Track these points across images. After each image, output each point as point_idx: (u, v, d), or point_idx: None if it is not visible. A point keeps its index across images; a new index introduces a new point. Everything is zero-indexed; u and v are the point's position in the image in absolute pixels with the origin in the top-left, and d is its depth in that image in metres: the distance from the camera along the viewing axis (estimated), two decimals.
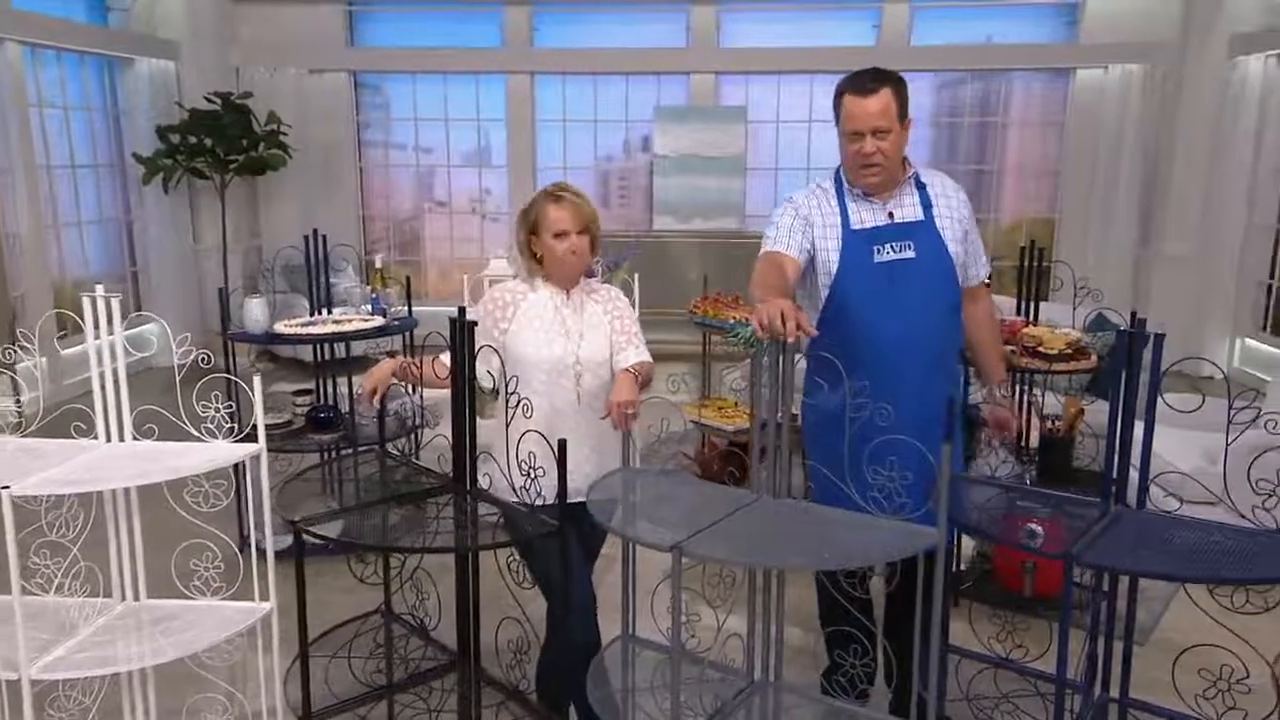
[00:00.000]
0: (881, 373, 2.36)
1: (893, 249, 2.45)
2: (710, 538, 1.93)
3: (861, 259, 2.45)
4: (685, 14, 7.65)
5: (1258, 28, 6.41)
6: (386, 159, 8.21)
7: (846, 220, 2.47)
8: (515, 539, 2.09)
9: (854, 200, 2.49)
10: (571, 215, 2.42)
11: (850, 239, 2.45)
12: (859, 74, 2.43)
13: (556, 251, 2.42)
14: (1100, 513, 2.04)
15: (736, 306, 4.15)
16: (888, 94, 2.37)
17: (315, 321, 3.88)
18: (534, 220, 2.46)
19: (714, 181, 7.67)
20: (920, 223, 2.49)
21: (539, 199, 2.48)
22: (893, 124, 2.38)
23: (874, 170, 2.42)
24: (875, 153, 2.38)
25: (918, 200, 2.52)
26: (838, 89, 2.46)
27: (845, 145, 2.43)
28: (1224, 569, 1.77)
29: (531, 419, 2.42)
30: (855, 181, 2.48)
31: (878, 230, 2.46)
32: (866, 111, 2.36)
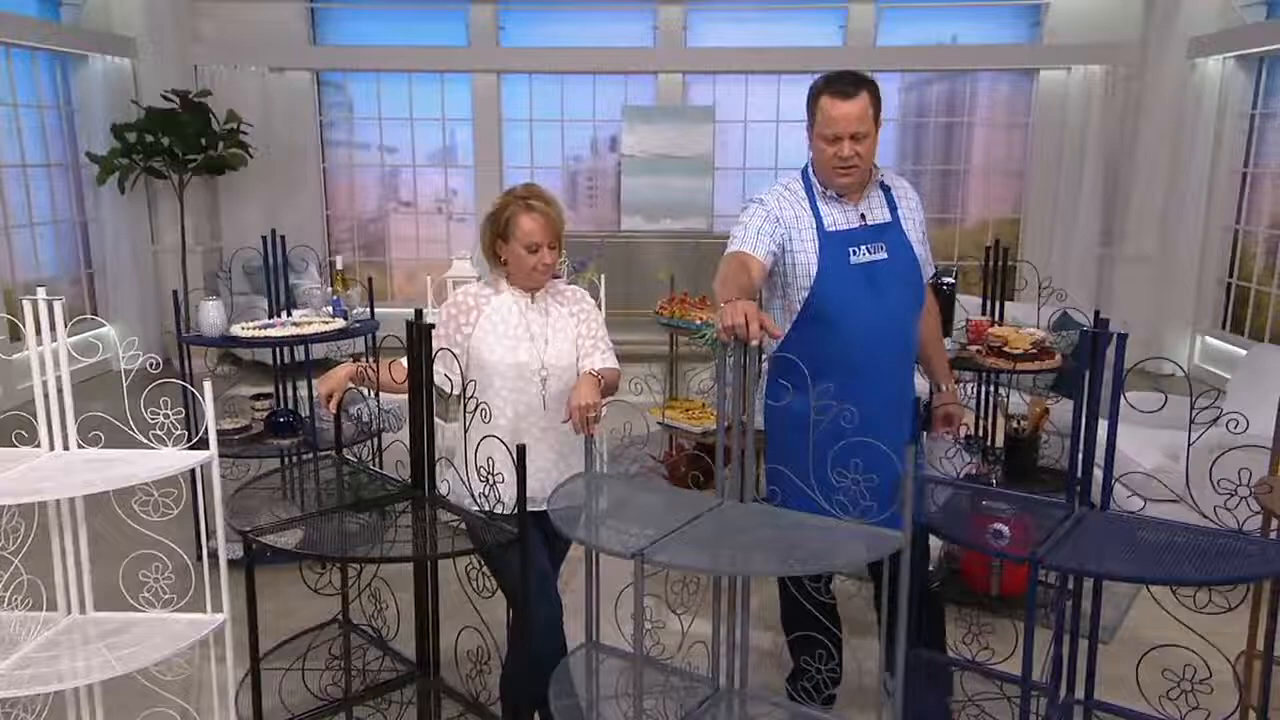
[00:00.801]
0: (860, 373, 2.38)
1: (868, 250, 2.46)
2: (673, 544, 1.89)
3: (839, 261, 2.44)
4: (653, 13, 7.63)
5: (1215, 30, 6.50)
6: (351, 159, 8.10)
7: (820, 222, 2.45)
8: (473, 547, 2.04)
9: (825, 202, 2.48)
10: (544, 227, 2.37)
11: (826, 241, 2.44)
12: (837, 76, 2.41)
13: (526, 264, 2.37)
14: (1065, 514, 2.03)
15: (703, 307, 4.13)
16: (866, 98, 2.37)
17: (273, 324, 3.80)
18: (504, 226, 2.40)
19: (682, 181, 7.65)
20: (890, 224, 2.51)
21: (511, 205, 2.40)
22: (870, 128, 2.39)
23: (851, 173, 2.41)
24: (853, 156, 2.37)
25: (884, 201, 2.53)
26: (814, 90, 2.43)
27: (821, 147, 2.41)
28: (1186, 570, 1.76)
29: (495, 424, 2.38)
30: (830, 183, 2.46)
31: (852, 232, 2.46)
32: (847, 115, 2.34)
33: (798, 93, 7.91)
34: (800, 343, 2.44)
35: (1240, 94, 6.50)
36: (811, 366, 2.34)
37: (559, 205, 2.46)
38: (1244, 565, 1.80)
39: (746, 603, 2.12)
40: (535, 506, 2.29)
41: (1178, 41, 6.67)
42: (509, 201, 2.42)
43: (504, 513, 2.38)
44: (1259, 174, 6.52)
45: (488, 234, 2.43)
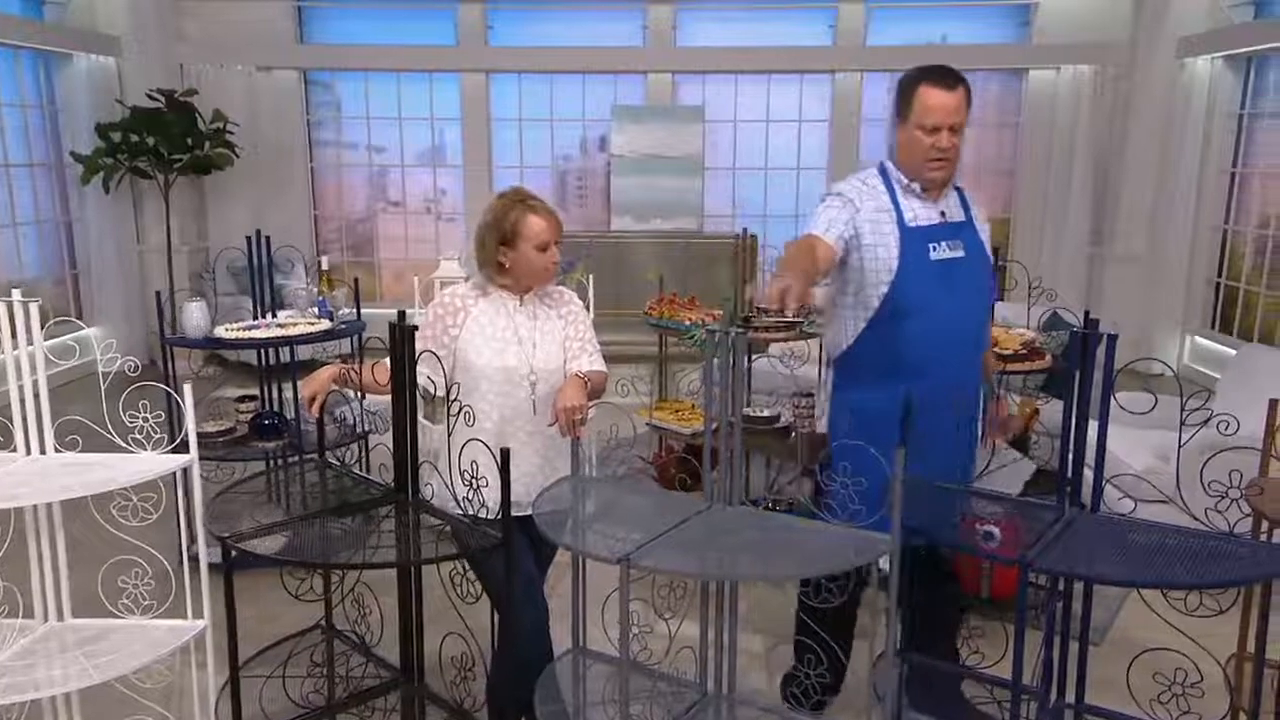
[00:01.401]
0: (931, 373, 2.34)
1: (948, 247, 2.42)
2: (659, 548, 1.87)
3: (920, 256, 2.40)
4: (642, 13, 7.60)
5: (1204, 29, 6.50)
6: (339, 158, 8.05)
7: (901, 216, 2.40)
8: (457, 552, 2.01)
9: (908, 197, 2.43)
10: (552, 225, 2.36)
11: (908, 235, 2.39)
12: (933, 68, 2.37)
13: (538, 264, 2.35)
14: (1055, 516, 2.01)
15: (692, 308, 4.10)
16: (963, 90, 2.35)
17: (258, 325, 3.75)
18: (510, 230, 2.36)
19: (672, 181, 7.63)
20: (965, 223, 2.48)
21: (513, 208, 2.37)
22: (965, 121, 2.36)
23: (945, 166, 2.37)
24: (950, 148, 2.34)
25: (958, 201, 2.51)
26: (909, 80, 2.39)
27: (918, 137, 2.35)
28: (1177, 574, 1.75)
29: (480, 427, 2.36)
30: (920, 175, 2.40)
31: (933, 228, 2.42)
32: (948, 105, 2.31)
33: (787, 92, 7.95)
34: (874, 342, 2.42)
35: (1229, 94, 6.51)
36: (882, 367, 2.35)
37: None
38: (1234, 568, 1.78)
39: (734, 607, 2.10)
40: (521, 510, 2.26)
41: (1166, 41, 6.68)
42: (509, 205, 2.38)
43: (489, 517, 2.37)
44: (1247, 174, 6.53)
45: (490, 242, 2.37)
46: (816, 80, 7.72)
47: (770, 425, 4.03)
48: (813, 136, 7.83)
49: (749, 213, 7.96)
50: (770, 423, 4.04)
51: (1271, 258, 6.19)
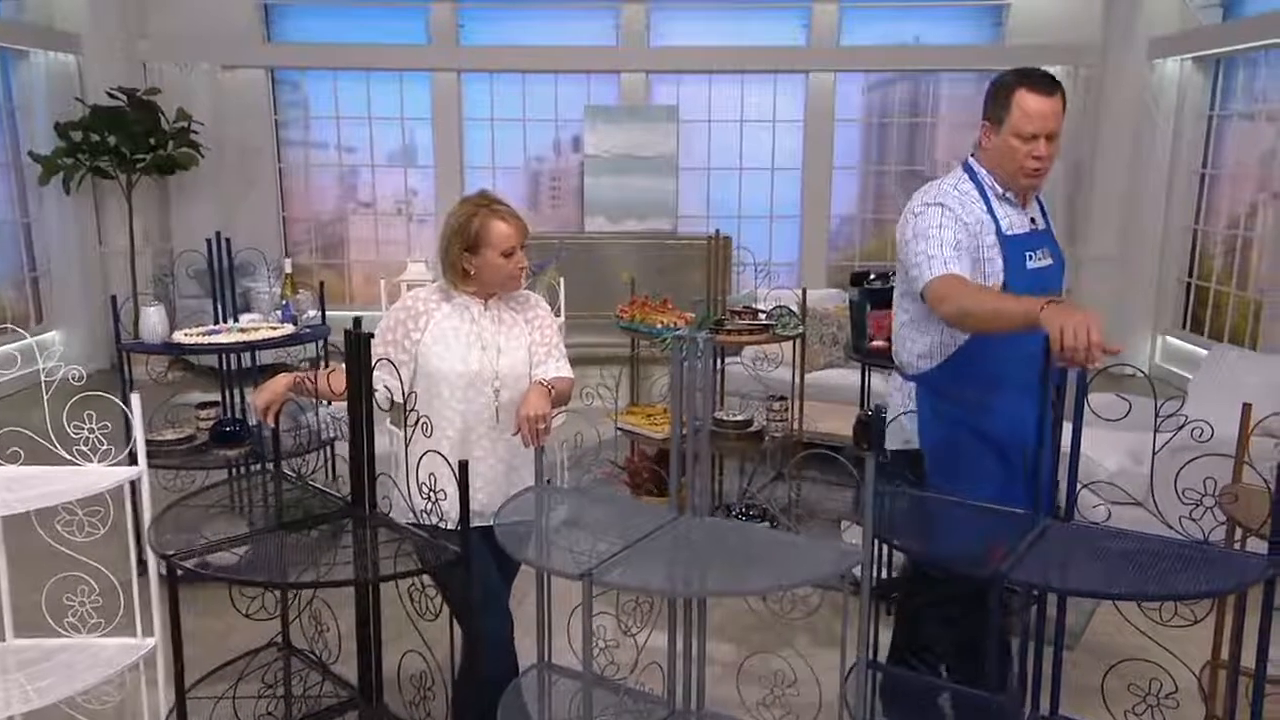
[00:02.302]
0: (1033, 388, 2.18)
1: (1039, 255, 2.37)
2: (625, 562, 1.81)
3: (1019, 265, 2.32)
4: (615, 12, 7.54)
5: (1174, 31, 6.54)
6: (307, 159, 7.93)
7: (999, 225, 2.32)
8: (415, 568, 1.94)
9: (1001, 205, 2.34)
10: (517, 230, 2.30)
11: (1008, 245, 2.31)
12: (1031, 71, 2.29)
13: (504, 270, 2.29)
14: (1029, 524, 1.98)
15: (664, 310, 4.04)
16: (1061, 97, 2.26)
17: (219, 330, 3.66)
18: (474, 236, 2.29)
19: (646, 182, 7.57)
20: (1047, 231, 2.44)
21: (478, 214, 2.30)
22: (1061, 128, 2.28)
23: (1040, 175, 2.28)
24: (1047, 155, 2.25)
25: (1040, 209, 2.46)
26: (1004, 83, 2.29)
27: (1014, 144, 2.25)
28: (1151, 584, 1.71)
29: (443, 435, 2.29)
30: (1014, 183, 2.31)
31: (1028, 237, 2.36)
32: (1047, 111, 2.22)
33: (761, 92, 7.92)
34: (973, 359, 2.30)
35: (1198, 95, 6.55)
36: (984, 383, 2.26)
37: None
38: (1208, 578, 1.75)
39: (703, 621, 2.04)
40: (484, 520, 2.20)
41: (1137, 42, 6.70)
42: (473, 210, 2.32)
43: (450, 529, 2.30)
44: (1216, 175, 6.57)
45: (455, 248, 2.31)
46: (790, 80, 7.70)
47: (742, 430, 3.98)
48: (787, 136, 7.81)
49: (724, 213, 7.93)
50: (743, 427, 3.99)
51: (1241, 258, 6.23)
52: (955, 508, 2.13)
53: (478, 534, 2.08)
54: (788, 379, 4.25)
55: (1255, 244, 6.07)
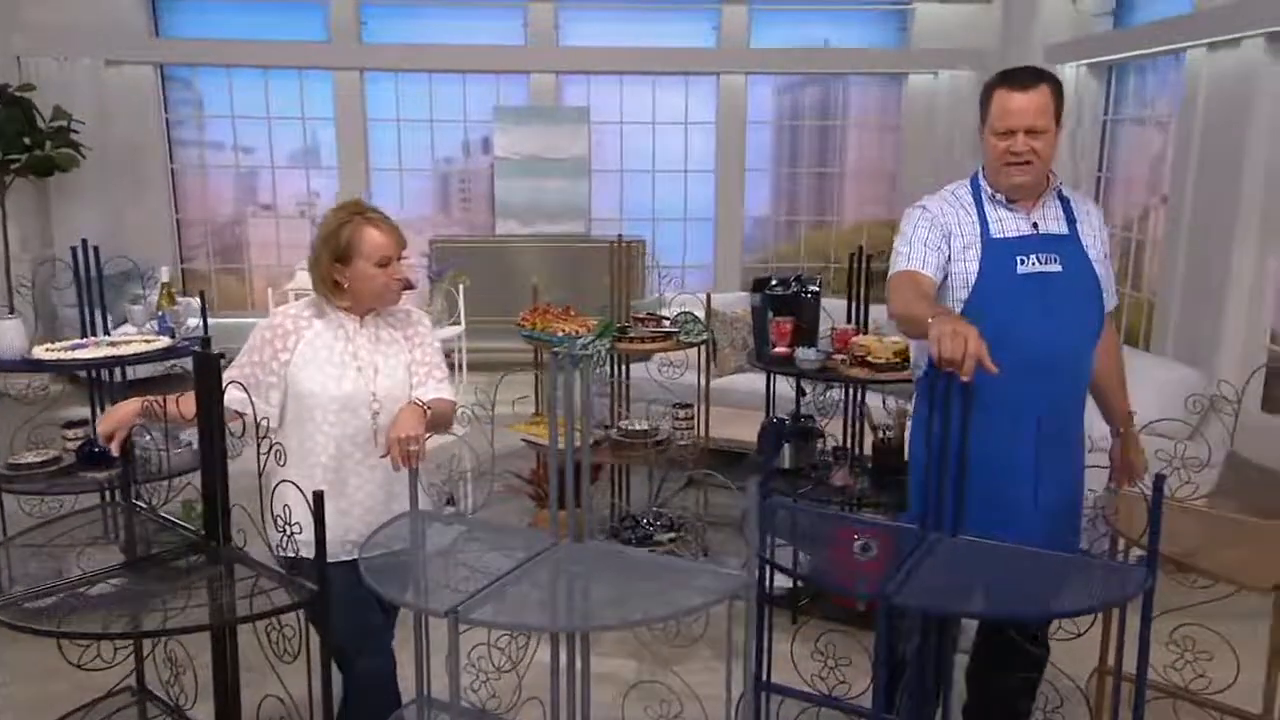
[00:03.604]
0: (1020, 390, 2.15)
1: (1038, 260, 2.26)
2: (496, 597, 1.71)
3: (1003, 269, 2.24)
4: (522, 11, 7.40)
5: (1068, 38, 6.71)
6: (202, 159, 7.58)
7: (986, 229, 2.27)
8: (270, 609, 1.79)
9: (994, 207, 2.29)
10: (393, 240, 2.16)
11: (991, 248, 2.25)
12: (1013, 70, 2.25)
13: (378, 282, 2.14)
14: (917, 540, 1.93)
15: (567, 318, 3.94)
16: (1046, 91, 2.20)
17: (85, 344, 3.42)
18: (345, 245, 2.15)
19: (558, 184, 7.45)
20: (1066, 237, 2.31)
21: (350, 221, 2.17)
22: (1049, 124, 2.21)
23: (1023, 169, 2.22)
24: (1027, 150, 2.19)
25: (1062, 214, 2.33)
26: (988, 85, 2.27)
27: (992, 142, 2.23)
28: (1034, 602, 1.69)
29: (315, 461, 2.15)
30: (999, 182, 2.27)
31: (1022, 240, 2.27)
32: (1022, 107, 2.18)
33: (673, 94, 7.86)
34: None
35: (1093, 100, 6.73)
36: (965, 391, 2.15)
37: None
38: (1091, 592, 1.74)
39: (586, 650, 1.95)
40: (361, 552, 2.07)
41: (1034, 48, 6.85)
42: (344, 219, 2.18)
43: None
44: (1112, 179, 6.76)
45: (325, 259, 2.17)
46: (702, 82, 7.67)
47: (648, 439, 3.91)
48: (700, 138, 7.78)
49: (638, 215, 7.86)
50: (648, 436, 3.92)
51: (1135, 260, 6.42)
52: (850, 522, 2.09)
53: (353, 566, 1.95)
54: (693, 384, 4.19)
55: (1148, 246, 6.26)
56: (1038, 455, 2.23)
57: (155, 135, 7.22)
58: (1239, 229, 5.04)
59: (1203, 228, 5.33)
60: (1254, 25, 4.75)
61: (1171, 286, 5.64)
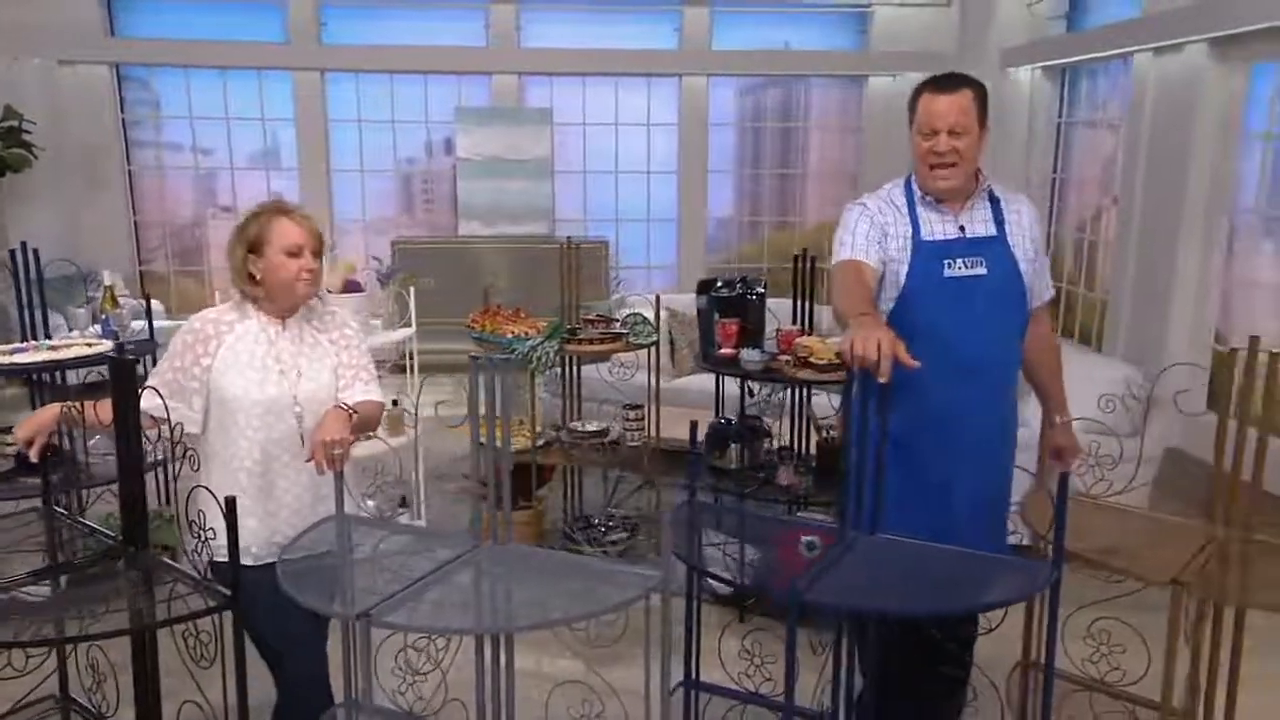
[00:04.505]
0: (946, 393, 2.22)
1: (964, 264, 2.30)
2: (413, 599, 1.71)
3: (931, 272, 2.28)
4: (484, 13, 7.39)
5: (1024, 41, 6.80)
6: (160, 160, 7.51)
7: (917, 229, 2.30)
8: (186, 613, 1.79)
9: (924, 208, 2.33)
10: (306, 232, 2.15)
11: (921, 249, 2.29)
12: (940, 75, 2.31)
13: (287, 270, 2.13)
14: (837, 539, 1.96)
15: (516, 320, 3.94)
16: (968, 93, 2.25)
17: (25, 348, 3.38)
18: (256, 235, 2.16)
19: (521, 185, 7.45)
20: (993, 239, 2.34)
21: (262, 214, 2.18)
22: (971, 125, 2.25)
23: (947, 171, 2.26)
24: (950, 151, 2.23)
25: (990, 215, 2.36)
26: (915, 90, 2.33)
27: (917, 142, 2.29)
28: (950, 599, 1.72)
29: (240, 465, 2.14)
30: (926, 184, 2.31)
31: (949, 244, 2.31)
32: (943, 109, 2.23)
33: (635, 95, 7.88)
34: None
35: (1047, 103, 6.83)
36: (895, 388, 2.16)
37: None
38: (1001, 589, 1.77)
39: (510, 651, 1.96)
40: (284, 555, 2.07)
41: (990, 51, 6.95)
42: (259, 212, 2.19)
43: (250, 565, 2.15)
44: (1066, 180, 6.86)
45: (239, 250, 2.18)
46: (664, 83, 7.69)
47: (598, 440, 3.92)
48: (662, 140, 7.80)
49: (601, 216, 7.88)
50: (599, 437, 3.93)
51: (1088, 259, 6.52)
52: (771, 522, 2.11)
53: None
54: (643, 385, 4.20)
55: (1100, 246, 6.36)
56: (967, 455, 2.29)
57: (111, 136, 7.15)
58: (1184, 230, 5.14)
59: (1151, 229, 5.43)
60: (1197, 31, 4.84)
61: (1122, 286, 5.74)
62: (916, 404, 2.19)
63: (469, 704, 1.97)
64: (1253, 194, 4.92)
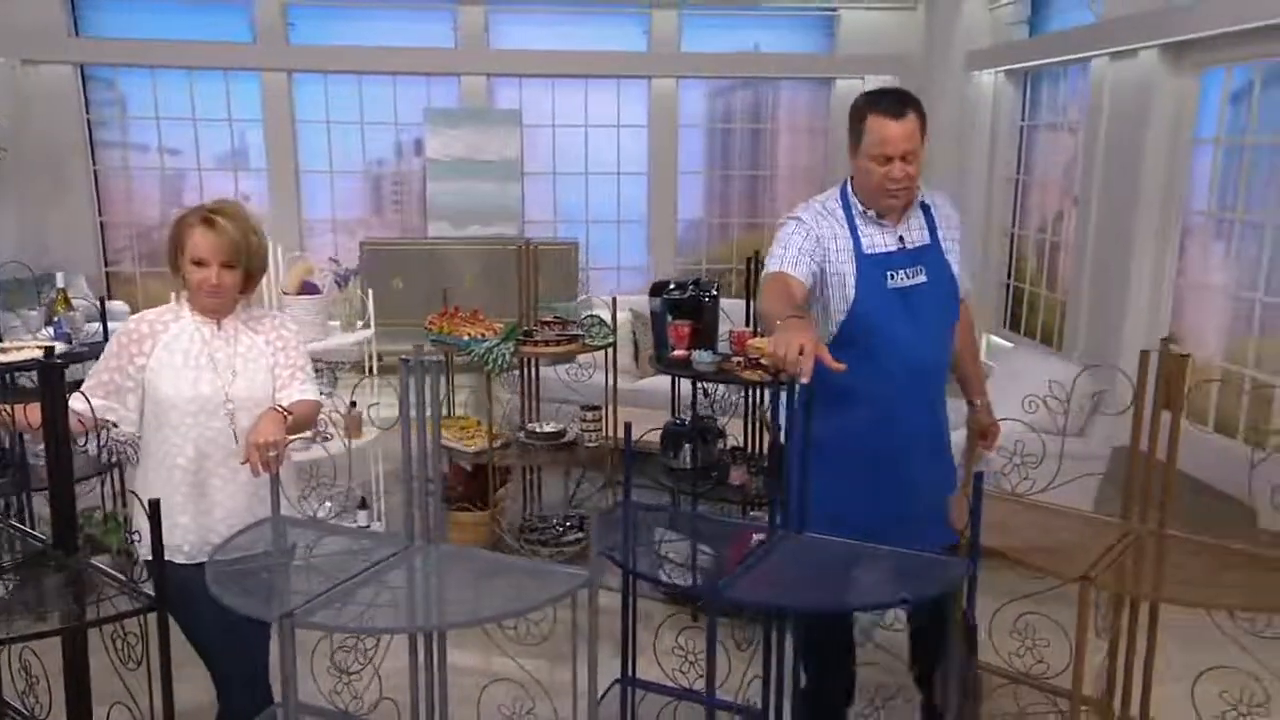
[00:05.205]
0: (894, 400, 2.29)
1: (906, 275, 2.37)
2: (340, 600, 1.73)
3: (876, 284, 2.34)
4: (452, 14, 7.39)
5: (988, 45, 6.88)
6: (126, 161, 7.47)
7: (858, 243, 2.35)
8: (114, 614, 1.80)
9: (864, 222, 2.37)
10: (214, 243, 2.15)
11: (864, 263, 2.34)
12: (883, 93, 2.33)
13: (192, 280, 2.16)
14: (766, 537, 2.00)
15: (473, 322, 3.97)
16: (915, 119, 2.27)
17: None
18: (178, 240, 2.19)
19: (490, 186, 7.46)
20: (928, 246, 2.42)
21: (189, 216, 2.20)
22: (919, 148, 2.30)
23: (900, 195, 2.32)
24: (904, 177, 2.27)
25: (924, 223, 2.43)
26: (859, 107, 2.32)
27: (869, 168, 2.29)
28: (865, 595, 1.75)
29: (174, 464, 2.16)
30: (876, 204, 2.35)
31: (889, 256, 2.36)
32: (896, 135, 2.24)
33: (605, 97, 7.90)
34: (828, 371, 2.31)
35: (1011, 106, 6.91)
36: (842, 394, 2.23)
37: (253, 227, 2.25)
38: (917, 585, 1.81)
39: (443, 650, 1.98)
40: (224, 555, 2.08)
41: (956, 55, 7.02)
42: (190, 214, 2.21)
43: (184, 563, 2.17)
44: (1029, 181, 6.95)
45: (170, 248, 2.22)
46: (633, 85, 7.72)
47: (555, 441, 3.95)
48: (632, 141, 7.83)
49: (571, 218, 7.90)
50: (555, 438, 3.96)
51: (1050, 260, 6.60)
52: (701, 522, 2.15)
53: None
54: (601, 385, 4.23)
55: (1062, 247, 6.44)
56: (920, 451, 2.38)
57: (76, 136, 7.10)
58: (1139, 232, 5.22)
59: (1107, 230, 5.51)
60: (1150, 37, 4.92)
61: (1080, 287, 5.82)
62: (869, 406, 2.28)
63: (402, 704, 1.99)
64: (1204, 197, 5.01)
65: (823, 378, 2.15)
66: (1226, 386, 4.71)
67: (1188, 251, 5.13)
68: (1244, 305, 4.64)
